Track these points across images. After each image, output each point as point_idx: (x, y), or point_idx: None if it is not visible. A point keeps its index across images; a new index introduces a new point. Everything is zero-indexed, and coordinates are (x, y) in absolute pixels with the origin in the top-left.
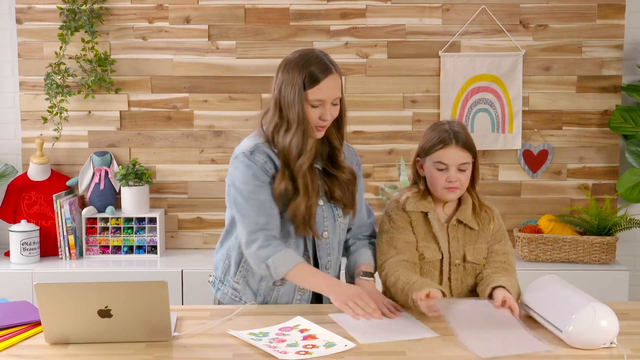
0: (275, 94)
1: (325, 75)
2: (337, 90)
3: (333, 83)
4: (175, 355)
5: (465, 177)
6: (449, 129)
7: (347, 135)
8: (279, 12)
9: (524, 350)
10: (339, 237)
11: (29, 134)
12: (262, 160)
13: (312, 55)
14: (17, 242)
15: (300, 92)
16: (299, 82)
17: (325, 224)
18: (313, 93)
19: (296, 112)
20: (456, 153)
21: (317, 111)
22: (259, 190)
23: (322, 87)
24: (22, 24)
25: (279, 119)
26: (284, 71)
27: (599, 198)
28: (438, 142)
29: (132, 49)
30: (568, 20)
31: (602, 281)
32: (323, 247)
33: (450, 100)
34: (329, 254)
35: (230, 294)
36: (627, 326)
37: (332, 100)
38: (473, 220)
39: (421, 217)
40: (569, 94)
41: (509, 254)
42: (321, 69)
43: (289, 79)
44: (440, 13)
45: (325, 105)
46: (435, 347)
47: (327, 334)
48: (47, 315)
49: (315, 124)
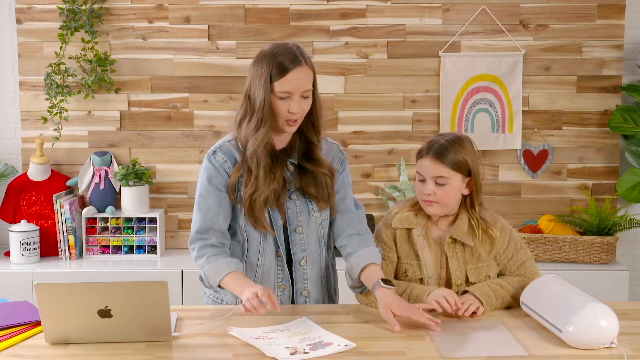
0: (247, 87)
1: (293, 67)
2: (305, 83)
3: (301, 75)
4: (175, 355)
5: (444, 192)
6: (433, 140)
7: (347, 135)
8: (279, 12)
9: (498, 352)
10: (317, 232)
11: (29, 134)
12: (221, 160)
13: (283, 47)
14: (17, 242)
15: (267, 83)
16: (266, 73)
17: (299, 219)
18: (280, 84)
19: (260, 102)
20: (428, 164)
21: (285, 104)
22: (207, 195)
23: (289, 79)
24: (22, 24)
25: (245, 109)
26: (255, 64)
27: (599, 198)
28: (419, 151)
29: (132, 49)
30: (568, 20)
31: (602, 281)
32: (297, 242)
33: (450, 100)
34: (304, 250)
35: (213, 296)
36: (627, 326)
37: (301, 93)
38: (468, 237)
39: (405, 233)
40: (569, 94)
41: (525, 262)
42: (290, 60)
43: (259, 71)
44: (440, 13)
45: (292, 97)
46: (435, 347)
47: (327, 334)
48: (47, 315)
49: (285, 118)
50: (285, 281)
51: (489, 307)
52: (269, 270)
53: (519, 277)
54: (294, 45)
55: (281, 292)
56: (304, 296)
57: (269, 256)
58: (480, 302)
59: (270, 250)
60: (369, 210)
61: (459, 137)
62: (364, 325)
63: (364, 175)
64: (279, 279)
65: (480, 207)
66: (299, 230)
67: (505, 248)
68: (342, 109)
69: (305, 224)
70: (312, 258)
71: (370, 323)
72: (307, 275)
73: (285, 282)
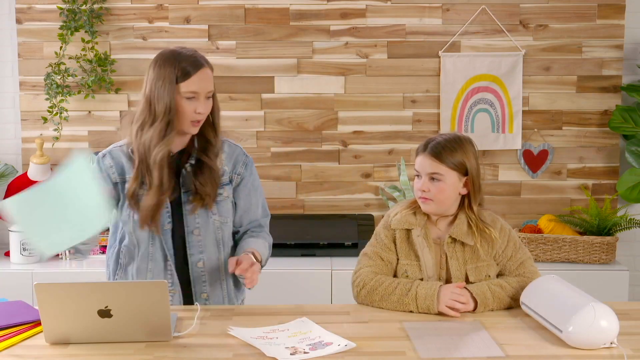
0: (147, 91)
1: (197, 69)
2: (210, 84)
3: (206, 76)
4: (175, 355)
5: (438, 189)
6: (432, 138)
7: (347, 135)
8: (279, 12)
9: (475, 353)
10: (214, 234)
11: (29, 134)
12: (108, 164)
13: (182, 51)
14: (17, 242)
15: (172, 85)
16: (171, 76)
17: (196, 221)
18: (186, 85)
19: (164, 104)
20: (424, 161)
21: (192, 104)
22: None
23: (195, 80)
24: (22, 24)
25: (147, 114)
26: (155, 67)
27: (599, 198)
28: (417, 149)
29: (132, 49)
30: (568, 20)
31: (602, 281)
32: (194, 244)
33: (450, 100)
34: (201, 252)
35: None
36: (627, 326)
37: (205, 94)
38: (468, 236)
39: (405, 234)
40: (569, 94)
41: (524, 262)
42: (192, 62)
43: (160, 74)
44: (440, 13)
45: (199, 98)
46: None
47: (327, 334)
48: (47, 315)
49: (191, 119)
50: (175, 286)
51: (483, 307)
52: (159, 275)
53: (519, 278)
54: (192, 49)
55: (171, 297)
56: (204, 299)
57: (157, 260)
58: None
59: (158, 254)
60: (369, 210)
61: (457, 136)
62: (364, 325)
63: (364, 175)
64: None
65: (480, 208)
66: (196, 232)
67: (504, 248)
68: (342, 109)
69: (203, 226)
70: (210, 260)
71: (370, 323)
72: (206, 278)
73: (175, 287)
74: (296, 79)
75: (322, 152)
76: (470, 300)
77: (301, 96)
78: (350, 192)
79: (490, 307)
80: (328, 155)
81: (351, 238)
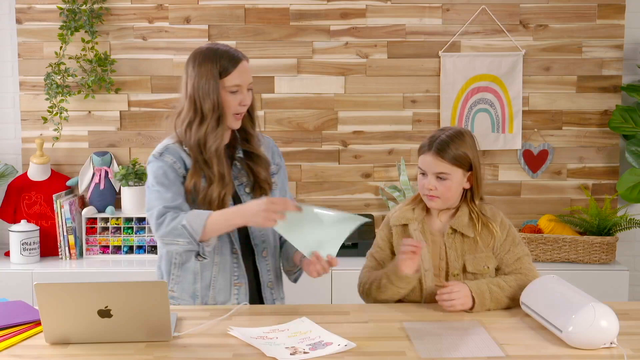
0: (189, 91)
1: (237, 62)
2: (249, 76)
3: (245, 68)
4: (175, 355)
5: (445, 187)
6: (435, 135)
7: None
8: (279, 12)
9: (475, 353)
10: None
11: (29, 134)
12: (170, 160)
13: (218, 47)
14: (17, 242)
15: (216, 81)
16: (214, 72)
17: None
18: (230, 79)
19: (211, 101)
20: (431, 160)
21: (237, 97)
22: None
23: (237, 73)
24: (22, 24)
25: (193, 113)
26: (195, 66)
27: (599, 198)
28: (421, 146)
29: (132, 49)
30: (568, 20)
31: (602, 281)
32: (257, 234)
33: (450, 100)
34: (263, 241)
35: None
36: (627, 326)
37: (247, 85)
38: (469, 228)
39: (402, 229)
40: (569, 94)
41: (521, 258)
42: (231, 57)
43: (202, 72)
44: (440, 13)
45: (242, 90)
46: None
47: (327, 334)
48: (47, 315)
49: (235, 112)
50: (242, 278)
51: (480, 307)
52: (225, 268)
53: (517, 276)
54: (224, 44)
55: (237, 290)
56: (270, 288)
57: (224, 253)
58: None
59: (225, 247)
60: (369, 210)
61: (460, 131)
62: (364, 325)
63: (364, 175)
64: (234, 276)
65: (481, 202)
66: None
67: (502, 241)
68: (342, 109)
69: None
70: (271, 249)
71: (370, 323)
72: (270, 267)
73: (241, 280)
74: (296, 79)
75: (322, 152)
76: (469, 296)
77: (301, 96)
78: (350, 192)
79: (486, 307)
80: (328, 155)
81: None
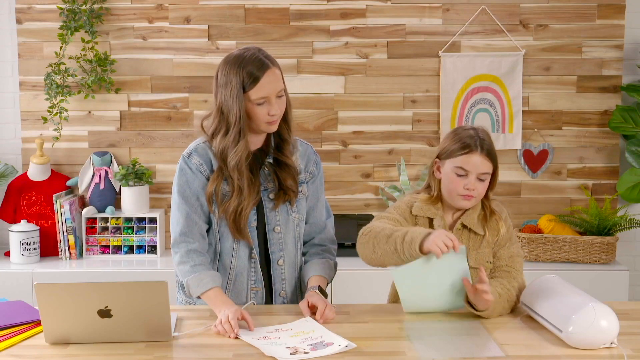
0: (218, 98)
1: (263, 72)
2: (278, 84)
3: (273, 78)
4: (175, 355)
5: (483, 187)
6: (474, 135)
7: (347, 135)
8: (279, 12)
9: (475, 354)
10: (294, 232)
11: (29, 134)
12: (197, 162)
13: (247, 54)
14: (17, 242)
15: (240, 94)
16: (237, 84)
17: (277, 218)
18: (255, 92)
19: (235, 114)
20: (479, 161)
21: (264, 108)
22: (187, 198)
23: (263, 84)
24: (22, 24)
25: (219, 122)
26: (223, 74)
27: (599, 198)
28: (463, 146)
29: (132, 49)
30: (568, 20)
31: (602, 281)
32: (275, 242)
33: (450, 100)
34: (281, 249)
35: (185, 300)
36: (627, 326)
37: (276, 94)
38: (479, 226)
39: (426, 222)
40: (569, 94)
41: (514, 257)
42: (258, 66)
43: (227, 82)
44: (440, 13)
45: (270, 101)
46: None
47: (329, 334)
48: (47, 315)
49: (266, 121)
50: (259, 283)
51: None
52: (242, 272)
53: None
54: (255, 49)
55: (254, 295)
56: (282, 297)
57: (242, 257)
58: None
59: (243, 251)
60: (369, 210)
61: (486, 130)
62: (364, 325)
63: (364, 175)
64: (252, 281)
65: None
66: (277, 230)
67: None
68: (342, 109)
69: (283, 223)
70: (289, 258)
71: (370, 323)
72: (284, 276)
73: (258, 284)
74: (296, 79)
75: (322, 152)
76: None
77: (301, 96)
78: (350, 192)
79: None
80: (328, 155)
81: (351, 238)
